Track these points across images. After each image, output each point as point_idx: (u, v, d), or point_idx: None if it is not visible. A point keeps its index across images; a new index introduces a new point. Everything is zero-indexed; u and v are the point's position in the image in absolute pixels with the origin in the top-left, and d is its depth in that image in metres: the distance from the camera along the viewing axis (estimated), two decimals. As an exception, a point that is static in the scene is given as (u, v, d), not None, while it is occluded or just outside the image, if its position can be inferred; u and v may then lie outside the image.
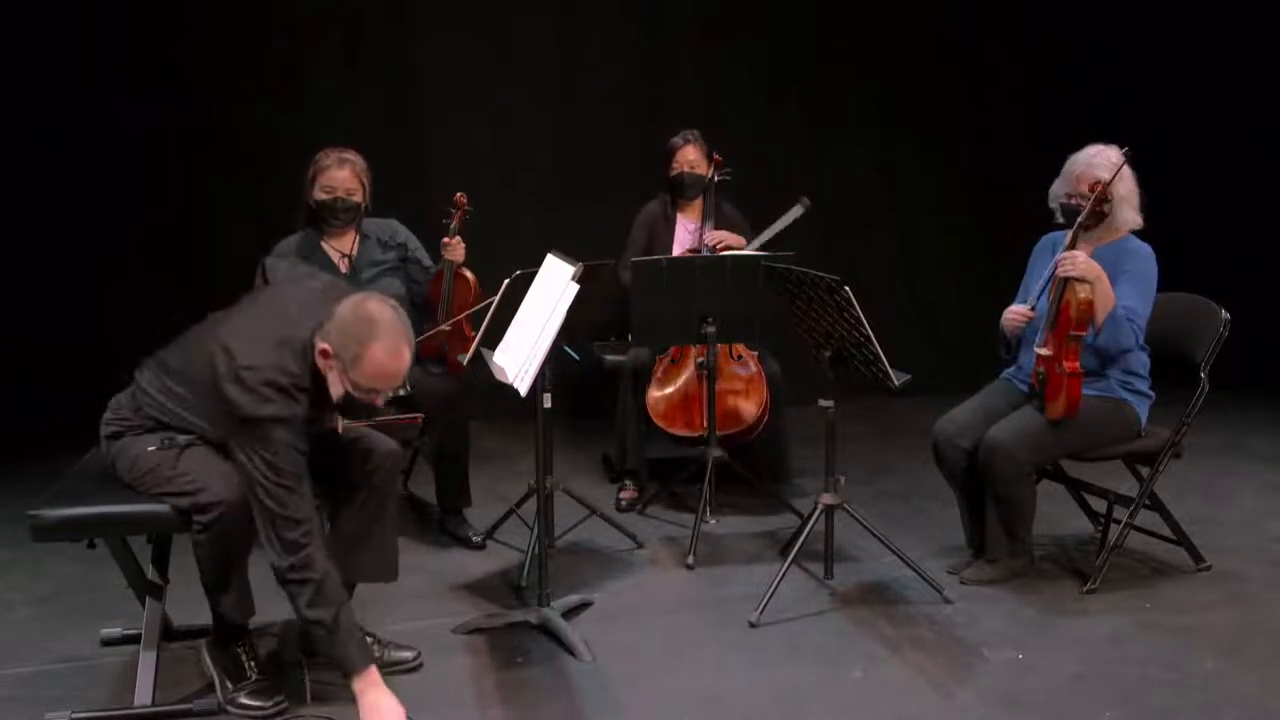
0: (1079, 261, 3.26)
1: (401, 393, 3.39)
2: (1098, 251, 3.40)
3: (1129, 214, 3.44)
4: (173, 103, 5.33)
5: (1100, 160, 3.42)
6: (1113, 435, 3.44)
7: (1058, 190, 3.54)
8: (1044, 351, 3.35)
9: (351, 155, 3.86)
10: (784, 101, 6.21)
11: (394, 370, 2.61)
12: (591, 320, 4.61)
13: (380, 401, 2.69)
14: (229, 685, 2.76)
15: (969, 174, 6.41)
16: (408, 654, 2.96)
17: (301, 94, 5.57)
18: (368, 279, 3.89)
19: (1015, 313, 3.53)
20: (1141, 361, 3.48)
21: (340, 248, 3.92)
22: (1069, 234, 3.39)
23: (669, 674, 2.93)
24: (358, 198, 3.85)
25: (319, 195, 3.83)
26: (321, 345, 2.59)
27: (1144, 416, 3.47)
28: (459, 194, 3.99)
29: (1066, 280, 3.27)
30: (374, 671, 2.60)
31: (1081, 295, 3.25)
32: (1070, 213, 3.46)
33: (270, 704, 2.73)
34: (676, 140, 4.48)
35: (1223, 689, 2.80)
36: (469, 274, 4.01)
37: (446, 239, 3.96)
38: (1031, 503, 3.46)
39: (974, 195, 6.35)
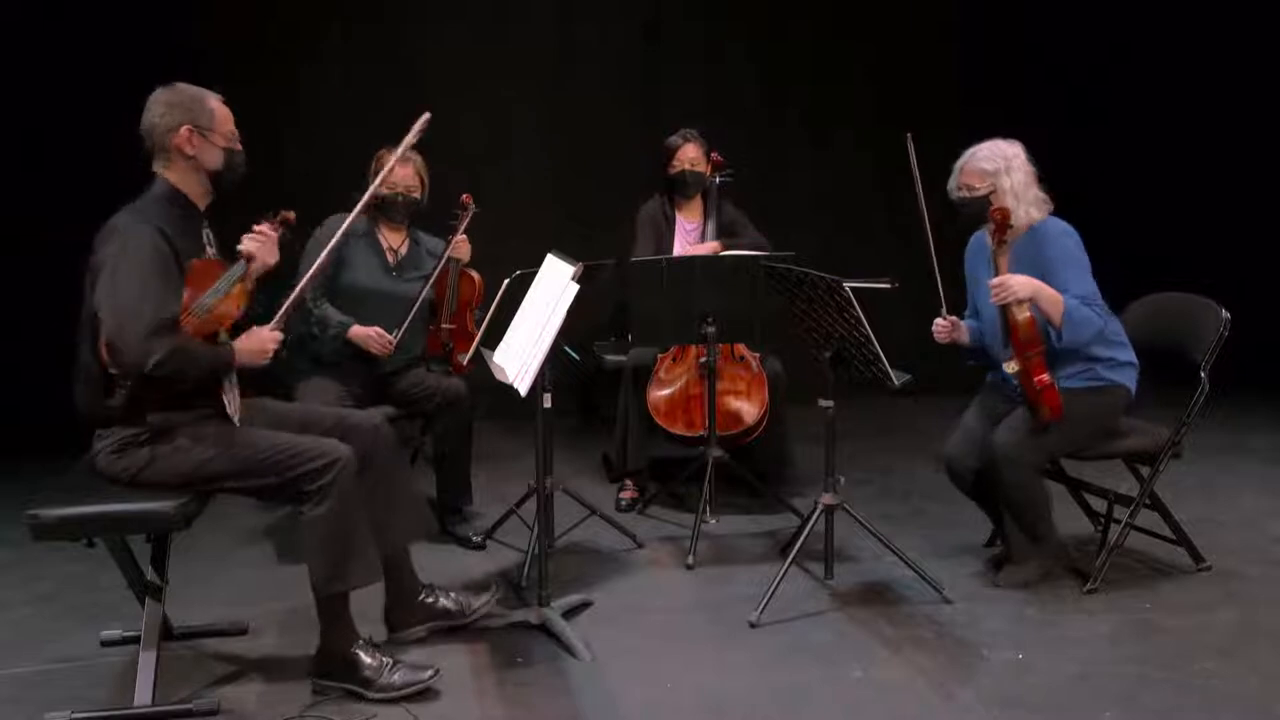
0: (1010, 286, 3.22)
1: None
2: (1015, 249, 3.38)
3: (1025, 211, 3.37)
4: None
5: (985, 154, 3.41)
6: (1109, 424, 3.42)
7: (949, 186, 3.52)
8: (1012, 368, 3.33)
9: (413, 154, 3.87)
10: (784, 101, 6.21)
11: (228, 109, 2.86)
12: (591, 320, 4.61)
13: (239, 146, 2.85)
14: (369, 683, 2.74)
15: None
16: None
17: (299, 93, 5.57)
18: (407, 280, 3.96)
19: (937, 326, 3.54)
20: (1115, 330, 3.42)
21: (392, 242, 4.00)
22: (990, 252, 3.36)
23: (669, 674, 2.93)
24: (417, 194, 3.95)
25: (382, 190, 3.83)
26: (181, 134, 2.74)
27: (1132, 386, 3.42)
28: (465, 195, 4.02)
29: (1005, 305, 3.26)
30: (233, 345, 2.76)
31: (1022, 317, 3.24)
32: (961, 205, 3.46)
33: (429, 673, 2.76)
34: (675, 139, 4.47)
35: (1223, 689, 2.80)
36: (474, 273, 4.06)
37: (452, 237, 3.98)
38: (1045, 498, 3.44)
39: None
